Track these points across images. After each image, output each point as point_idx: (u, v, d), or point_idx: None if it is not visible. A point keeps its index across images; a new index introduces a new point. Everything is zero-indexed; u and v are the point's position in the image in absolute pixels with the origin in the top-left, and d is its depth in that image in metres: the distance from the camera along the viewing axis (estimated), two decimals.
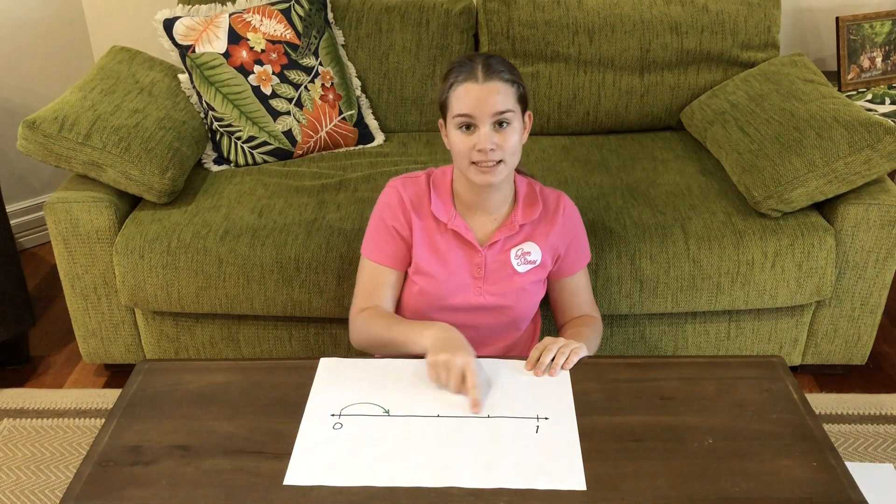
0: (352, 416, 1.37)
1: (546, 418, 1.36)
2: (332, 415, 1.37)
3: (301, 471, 1.26)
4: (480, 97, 1.51)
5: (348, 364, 1.50)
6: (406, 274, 1.70)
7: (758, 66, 2.47)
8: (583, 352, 1.51)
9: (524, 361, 1.50)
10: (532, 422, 1.36)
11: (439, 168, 1.71)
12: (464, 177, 1.60)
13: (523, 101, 1.58)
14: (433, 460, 1.28)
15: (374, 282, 1.68)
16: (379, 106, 2.57)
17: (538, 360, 1.49)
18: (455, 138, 1.56)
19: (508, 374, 1.47)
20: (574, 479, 1.24)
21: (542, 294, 1.74)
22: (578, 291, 1.75)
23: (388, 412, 1.38)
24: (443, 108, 1.59)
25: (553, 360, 1.49)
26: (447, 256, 1.66)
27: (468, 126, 1.53)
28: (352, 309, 1.70)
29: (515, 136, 1.55)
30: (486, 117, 1.51)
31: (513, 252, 1.66)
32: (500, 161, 1.54)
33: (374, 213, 1.70)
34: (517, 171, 1.70)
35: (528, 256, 1.67)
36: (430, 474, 1.25)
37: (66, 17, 2.89)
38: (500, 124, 1.53)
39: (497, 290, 1.66)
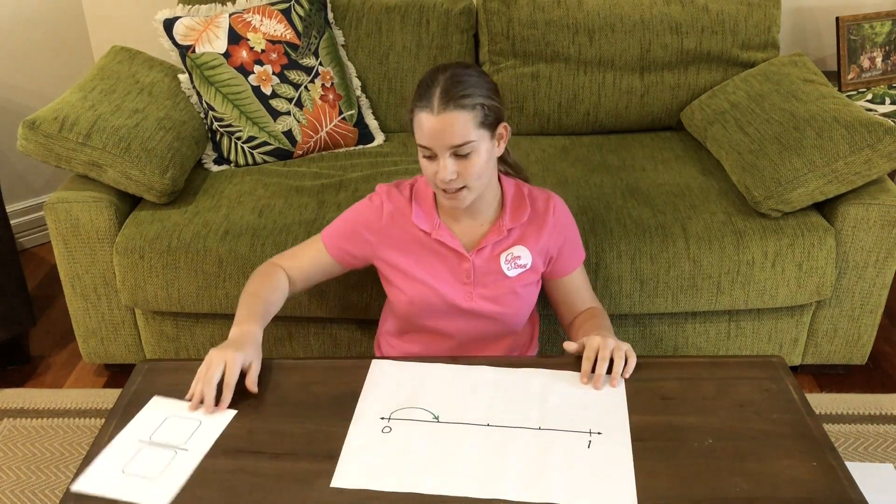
0: (401, 421, 1.34)
1: (599, 433, 1.31)
2: (382, 418, 1.35)
3: (348, 474, 1.24)
4: (436, 129, 1.47)
5: (399, 366, 1.47)
6: (357, 271, 1.71)
7: (758, 66, 2.47)
8: (631, 352, 1.46)
9: (578, 374, 1.44)
10: (584, 436, 1.31)
11: (423, 177, 1.67)
12: None
13: (490, 122, 1.51)
14: (480, 470, 1.25)
15: (307, 254, 1.70)
16: (379, 106, 2.57)
17: (593, 370, 1.43)
18: (421, 163, 1.55)
19: (562, 386, 1.42)
20: (624, 499, 1.19)
21: (535, 295, 1.73)
22: (577, 289, 1.74)
23: (437, 418, 1.35)
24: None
25: (610, 367, 1.43)
26: (434, 265, 1.64)
27: (430, 154, 1.51)
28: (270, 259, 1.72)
29: (479, 161, 1.50)
30: (443, 149, 1.48)
31: (503, 257, 1.65)
32: (463, 187, 1.52)
33: (352, 211, 1.70)
34: (504, 172, 1.69)
35: (518, 261, 1.65)
36: (476, 485, 1.22)
37: (66, 17, 2.89)
38: (461, 153, 1.49)
39: (488, 294, 1.65)
